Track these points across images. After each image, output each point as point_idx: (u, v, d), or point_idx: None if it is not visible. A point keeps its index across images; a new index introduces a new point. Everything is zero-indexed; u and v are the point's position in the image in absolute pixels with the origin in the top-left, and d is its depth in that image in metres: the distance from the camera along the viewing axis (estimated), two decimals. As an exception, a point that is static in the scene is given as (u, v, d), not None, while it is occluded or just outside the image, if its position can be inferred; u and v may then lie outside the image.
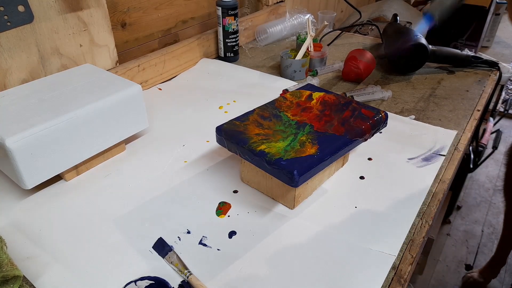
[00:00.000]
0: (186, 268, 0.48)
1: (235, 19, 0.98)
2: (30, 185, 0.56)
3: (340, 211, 0.57)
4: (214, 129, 0.59)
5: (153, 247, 0.51)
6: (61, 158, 0.58)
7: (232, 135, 0.57)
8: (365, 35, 1.29)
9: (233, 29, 0.99)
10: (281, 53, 0.96)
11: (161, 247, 0.51)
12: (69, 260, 0.49)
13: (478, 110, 0.84)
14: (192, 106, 0.84)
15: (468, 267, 1.60)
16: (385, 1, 1.49)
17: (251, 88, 0.91)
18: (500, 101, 1.90)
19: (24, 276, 0.47)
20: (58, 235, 0.53)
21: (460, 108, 0.84)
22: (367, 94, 0.87)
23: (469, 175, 1.74)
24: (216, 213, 0.57)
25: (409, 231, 0.54)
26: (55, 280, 0.47)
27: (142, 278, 0.46)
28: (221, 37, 1.01)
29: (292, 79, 0.94)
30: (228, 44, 1.01)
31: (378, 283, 0.47)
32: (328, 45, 1.16)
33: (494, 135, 1.70)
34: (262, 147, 0.54)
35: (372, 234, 0.53)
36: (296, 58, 0.94)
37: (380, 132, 0.74)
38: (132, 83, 0.66)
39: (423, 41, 0.93)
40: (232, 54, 1.04)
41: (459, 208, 1.88)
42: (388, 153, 0.69)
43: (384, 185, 0.62)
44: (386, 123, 0.64)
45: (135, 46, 0.94)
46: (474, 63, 1.02)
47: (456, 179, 1.67)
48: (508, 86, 2.61)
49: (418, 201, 0.59)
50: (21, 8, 0.64)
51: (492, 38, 1.32)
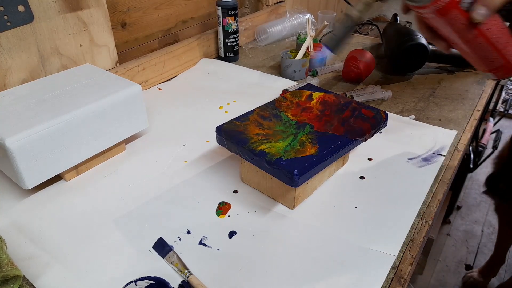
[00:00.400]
0: (186, 268, 0.48)
1: (235, 19, 0.98)
2: (30, 185, 0.56)
3: (340, 211, 0.57)
4: (214, 129, 0.59)
5: (153, 247, 0.51)
6: (61, 158, 0.58)
7: (232, 135, 0.57)
8: (365, 35, 1.29)
9: (233, 29, 0.99)
10: (281, 53, 0.96)
11: (161, 247, 0.51)
12: (69, 260, 0.49)
13: (478, 110, 0.84)
14: (192, 106, 0.84)
15: (468, 267, 1.60)
16: (385, 1, 1.49)
17: (251, 88, 0.91)
18: (500, 101, 1.90)
19: (24, 276, 0.47)
20: (58, 235, 0.53)
21: (460, 108, 0.84)
22: (367, 94, 0.87)
23: (469, 175, 1.74)
24: (216, 213, 0.57)
25: (409, 231, 0.54)
26: (55, 280, 0.47)
27: (142, 278, 0.46)
28: (221, 37, 1.01)
29: (292, 79, 0.94)
30: (228, 44, 1.01)
31: (378, 283, 0.47)
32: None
33: (494, 135, 1.70)
34: (262, 147, 0.54)
35: (372, 234, 0.53)
36: (296, 58, 0.94)
37: (380, 132, 0.74)
38: (132, 83, 0.66)
39: (423, 41, 0.93)
40: (232, 54, 1.04)
41: (459, 208, 1.88)
42: (388, 153, 0.69)
43: (384, 185, 0.62)
44: (386, 123, 0.64)
45: (135, 46, 0.94)
46: (474, 63, 1.01)
47: (456, 179, 1.67)
48: (508, 86, 2.61)
49: (418, 201, 0.59)
50: (21, 8, 0.64)
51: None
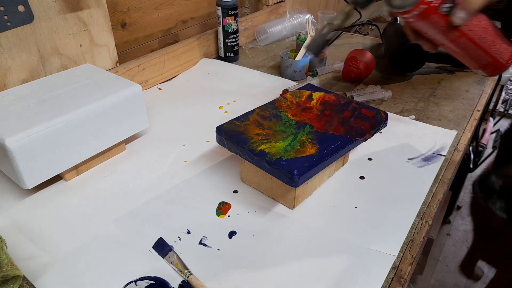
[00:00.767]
0: (186, 268, 0.48)
1: (235, 19, 0.98)
2: (30, 185, 0.56)
3: (340, 211, 0.57)
4: (214, 129, 0.59)
5: (153, 247, 0.51)
6: (61, 158, 0.58)
7: (232, 135, 0.57)
8: (365, 35, 1.29)
9: (233, 29, 0.99)
10: (281, 53, 0.96)
11: (161, 247, 0.51)
12: (69, 260, 0.49)
13: (478, 110, 0.84)
14: (192, 106, 0.84)
15: (468, 267, 1.59)
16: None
17: (251, 88, 0.91)
18: (500, 101, 1.90)
19: (24, 276, 0.47)
20: (58, 235, 0.53)
21: (460, 108, 0.84)
22: (367, 94, 0.87)
23: (469, 175, 1.74)
24: (216, 213, 0.57)
25: (409, 231, 0.54)
26: (55, 280, 0.47)
27: (142, 278, 0.46)
28: (221, 37, 1.01)
29: (292, 79, 0.94)
30: (228, 44, 1.01)
31: (378, 283, 0.47)
32: (328, 45, 1.16)
33: (494, 135, 1.70)
34: (262, 147, 0.54)
35: (372, 234, 0.53)
36: (296, 58, 0.94)
37: (380, 132, 0.74)
38: (132, 83, 0.66)
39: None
40: (232, 54, 1.04)
41: (459, 208, 1.88)
42: (388, 153, 0.69)
43: (384, 185, 0.62)
44: (386, 123, 0.64)
45: (135, 46, 0.94)
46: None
47: (456, 179, 1.67)
48: (508, 86, 2.61)
49: (418, 201, 0.59)
50: (21, 8, 0.64)
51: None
